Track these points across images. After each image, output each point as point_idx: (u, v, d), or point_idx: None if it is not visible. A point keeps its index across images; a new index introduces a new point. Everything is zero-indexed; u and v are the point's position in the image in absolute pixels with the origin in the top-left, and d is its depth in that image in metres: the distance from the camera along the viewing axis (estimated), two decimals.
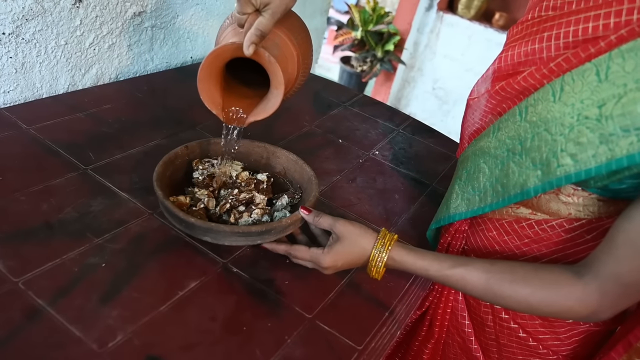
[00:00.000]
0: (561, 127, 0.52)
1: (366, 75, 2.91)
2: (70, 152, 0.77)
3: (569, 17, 0.54)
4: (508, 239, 0.65)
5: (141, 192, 0.74)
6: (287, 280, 0.66)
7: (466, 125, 0.73)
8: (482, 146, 0.66)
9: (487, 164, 0.63)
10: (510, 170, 0.58)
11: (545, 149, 0.53)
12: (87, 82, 0.98)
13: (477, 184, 0.65)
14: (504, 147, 0.60)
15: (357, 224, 0.64)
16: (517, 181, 0.57)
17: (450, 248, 0.74)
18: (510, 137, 0.60)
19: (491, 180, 0.62)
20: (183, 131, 0.91)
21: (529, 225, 0.62)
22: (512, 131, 0.59)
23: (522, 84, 0.58)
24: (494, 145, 0.62)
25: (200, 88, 0.66)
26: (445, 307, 0.76)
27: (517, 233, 0.64)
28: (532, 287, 0.55)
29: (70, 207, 0.67)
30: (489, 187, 0.62)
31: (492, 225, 0.67)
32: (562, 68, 0.53)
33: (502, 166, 0.60)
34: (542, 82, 0.57)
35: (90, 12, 0.91)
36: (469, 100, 0.71)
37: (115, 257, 0.62)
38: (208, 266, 0.65)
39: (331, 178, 0.90)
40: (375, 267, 0.62)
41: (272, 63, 0.62)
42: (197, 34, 1.19)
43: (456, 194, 0.69)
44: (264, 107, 0.68)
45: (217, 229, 0.61)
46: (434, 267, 0.60)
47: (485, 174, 0.63)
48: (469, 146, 0.72)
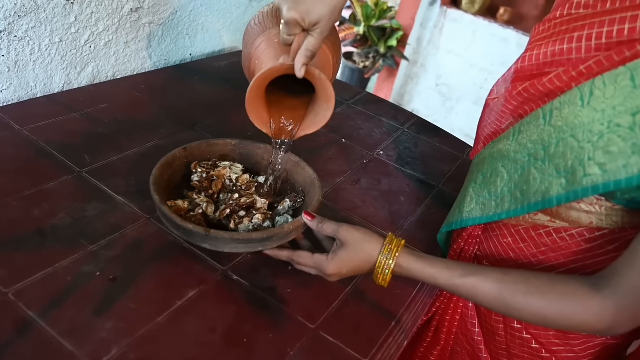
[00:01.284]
0: (589, 134, 0.49)
1: (369, 72, 2.88)
2: (65, 154, 0.75)
3: (603, 17, 0.50)
4: (524, 246, 0.62)
5: (138, 196, 0.71)
6: (289, 288, 0.63)
7: (483, 126, 0.70)
8: (500, 149, 0.63)
9: (505, 168, 0.61)
10: (532, 177, 0.55)
11: (571, 156, 0.51)
12: (83, 81, 0.95)
13: (494, 188, 0.62)
14: (525, 151, 0.57)
15: (362, 229, 0.61)
16: (538, 188, 0.54)
17: (462, 253, 0.71)
18: (533, 142, 0.57)
19: (510, 185, 0.59)
20: (182, 131, 0.89)
21: (547, 233, 0.59)
22: (535, 135, 0.57)
23: (548, 86, 0.55)
24: (514, 149, 0.60)
25: (249, 110, 0.64)
26: (454, 314, 0.73)
27: (533, 241, 0.61)
28: (547, 300, 0.52)
29: (64, 212, 0.65)
30: (507, 193, 0.59)
31: (508, 231, 0.64)
32: (593, 71, 0.50)
33: (523, 171, 0.57)
34: (570, 85, 0.54)
35: (85, 9, 0.88)
36: (488, 100, 0.68)
37: (110, 265, 0.59)
38: (207, 274, 0.62)
39: (334, 180, 0.87)
40: (381, 274, 0.60)
41: (323, 80, 0.61)
42: (196, 30, 1.16)
43: (470, 197, 0.66)
44: (313, 120, 0.67)
45: (216, 236, 0.58)
46: (444, 275, 0.58)
47: (503, 178, 0.61)
48: (486, 148, 0.69)
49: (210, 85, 1.07)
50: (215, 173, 0.69)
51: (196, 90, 1.04)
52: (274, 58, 0.66)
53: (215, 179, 0.69)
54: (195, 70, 1.13)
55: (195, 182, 0.69)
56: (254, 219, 0.65)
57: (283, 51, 0.64)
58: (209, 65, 1.17)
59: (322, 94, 0.63)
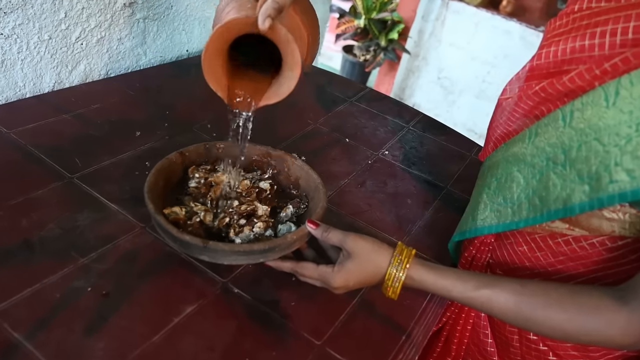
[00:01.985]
0: (616, 137, 0.45)
1: (369, 65, 2.83)
2: (55, 158, 0.71)
3: (628, 11, 0.46)
4: (540, 255, 0.59)
5: (132, 203, 0.67)
6: (293, 301, 0.60)
7: (494, 126, 0.66)
8: (515, 152, 0.59)
9: (521, 172, 0.57)
10: (551, 183, 0.52)
11: (595, 160, 0.47)
12: (75, 80, 0.91)
13: (510, 194, 0.58)
14: (543, 155, 0.54)
15: (370, 239, 0.58)
16: (558, 195, 0.50)
17: (474, 262, 0.68)
18: (551, 145, 0.53)
19: (527, 191, 0.55)
20: (179, 133, 0.85)
21: (566, 241, 0.56)
22: (554, 138, 0.53)
23: (568, 85, 0.52)
24: (531, 153, 0.56)
25: (205, 66, 0.58)
26: (465, 324, 0.70)
27: (551, 249, 0.57)
28: (568, 313, 0.49)
29: (53, 222, 0.61)
30: (524, 200, 0.55)
31: (523, 239, 0.60)
32: (619, 69, 0.47)
33: (541, 176, 0.53)
34: (593, 84, 0.50)
35: (75, 4, 0.84)
36: (500, 100, 0.64)
37: (102, 279, 0.56)
38: (206, 287, 0.59)
39: (339, 182, 0.83)
40: (391, 286, 0.56)
41: (290, 41, 0.55)
42: (193, 25, 1.12)
43: (484, 204, 0.62)
44: (276, 91, 0.60)
45: (214, 247, 0.54)
46: (457, 287, 0.54)
47: (519, 184, 0.57)
48: (498, 150, 0.65)
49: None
50: (214, 179, 0.65)
51: (193, 88, 1.00)
52: (239, 13, 0.60)
53: (214, 184, 0.65)
54: (192, 67, 1.09)
55: (192, 188, 0.65)
56: (254, 227, 0.61)
57: (252, 11, 0.58)
58: None
59: (288, 59, 0.57)
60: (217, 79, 0.60)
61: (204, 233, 0.61)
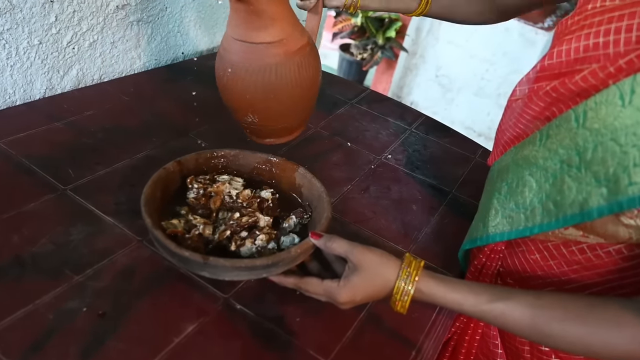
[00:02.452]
0: (633, 137, 0.43)
1: (367, 64, 2.80)
2: (47, 169, 0.68)
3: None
4: (553, 263, 0.56)
5: (129, 215, 0.65)
6: (298, 316, 0.57)
7: (503, 129, 0.63)
8: (526, 156, 0.57)
9: (534, 176, 0.54)
10: (566, 186, 0.49)
11: (613, 162, 0.45)
12: (67, 85, 0.88)
13: (522, 199, 0.56)
14: (556, 157, 0.51)
15: (377, 251, 0.55)
16: (574, 199, 0.48)
17: (484, 270, 0.65)
18: (565, 147, 0.51)
19: (540, 196, 0.53)
20: (175, 139, 0.82)
21: (580, 250, 0.53)
22: (567, 140, 0.50)
23: (581, 84, 0.49)
24: (543, 156, 0.53)
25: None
26: (474, 334, 0.68)
27: (564, 258, 0.55)
28: (587, 327, 0.46)
29: (46, 237, 0.58)
30: (538, 205, 0.53)
31: (535, 247, 0.58)
32: (634, 66, 0.44)
33: (554, 180, 0.51)
34: (607, 83, 0.48)
35: (66, 7, 0.81)
36: (510, 101, 0.62)
37: (98, 298, 0.53)
38: (207, 303, 0.56)
39: (341, 188, 0.81)
40: (400, 300, 0.54)
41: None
42: (188, 27, 1.09)
43: (495, 210, 0.60)
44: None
45: (215, 263, 0.52)
46: (469, 301, 0.52)
47: (532, 188, 0.54)
48: (507, 154, 0.63)
49: (204, 86, 1.00)
50: (213, 189, 0.63)
51: (189, 92, 0.97)
52: None
53: (213, 195, 0.63)
54: (187, 70, 1.06)
55: (191, 199, 0.63)
56: (257, 240, 0.59)
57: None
58: (203, 65, 1.10)
59: None
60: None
61: (203, 247, 0.58)
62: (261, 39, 0.66)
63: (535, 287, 0.60)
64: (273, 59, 0.67)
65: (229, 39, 0.70)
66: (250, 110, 0.70)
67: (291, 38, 0.68)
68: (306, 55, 0.69)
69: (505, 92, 2.70)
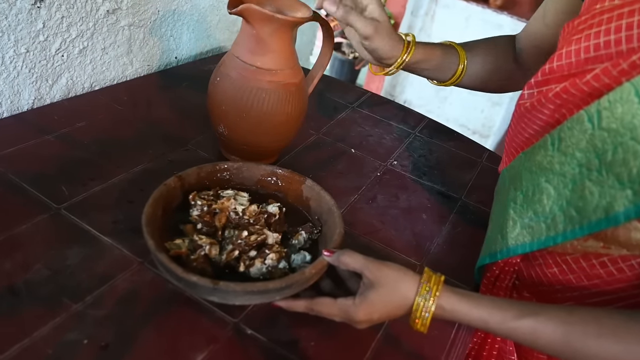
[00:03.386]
0: None
1: (359, 63, 2.77)
2: (38, 187, 0.64)
3: None
4: (572, 277, 0.54)
5: (127, 234, 0.61)
6: (312, 340, 0.54)
7: (513, 134, 0.61)
8: (539, 161, 0.54)
9: (551, 183, 0.52)
10: (587, 191, 0.47)
11: (635, 162, 0.43)
12: (56, 95, 0.84)
13: (541, 208, 0.53)
14: (574, 162, 0.49)
15: (394, 265, 0.52)
16: (598, 204, 0.46)
17: (497, 282, 0.63)
18: (582, 150, 0.48)
19: (560, 203, 0.50)
20: (173, 150, 0.78)
21: (601, 263, 0.51)
22: (583, 142, 0.48)
23: (593, 84, 0.47)
24: (559, 161, 0.51)
25: None
26: (491, 349, 0.65)
27: (584, 272, 0.52)
28: (624, 344, 0.44)
29: (40, 262, 0.54)
30: (558, 212, 0.50)
31: (553, 260, 0.55)
32: None
33: (574, 185, 0.49)
34: (620, 81, 0.46)
35: (54, 13, 0.77)
36: (518, 105, 0.59)
37: (100, 328, 0.49)
38: (216, 329, 0.53)
39: (348, 198, 0.78)
40: (420, 318, 0.51)
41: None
42: (181, 31, 1.05)
43: (512, 220, 0.57)
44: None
45: (226, 288, 0.49)
46: (495, 317, 0.49)
47: (550, 195, 0.52)
48: (517, 159, 0.60)
49: (200, 92, 0.95)
50: (218, 205, 0.59)
51: (185, 99, 0.93)
52: None
53: (218, 212, 0.59)
54: (182, 75, 1.02)
55: (195, 217, 0.59)
56: (267, 259, 0.56)
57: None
58: (197, 69, 1.06)
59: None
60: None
61: (210, 268, 0.55)
62: (253, 62, 0.68)
63: (554, 301, 0.57)
64: (256, 83, 0.68)
65: (229, 54, 0.71)
66: (222, 121, 0.72)
67: (282, 73, 0.69)
68: (290, 93, 0.70)
69: None
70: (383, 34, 0.68)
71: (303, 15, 0.69)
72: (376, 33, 0.67)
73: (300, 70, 0.73)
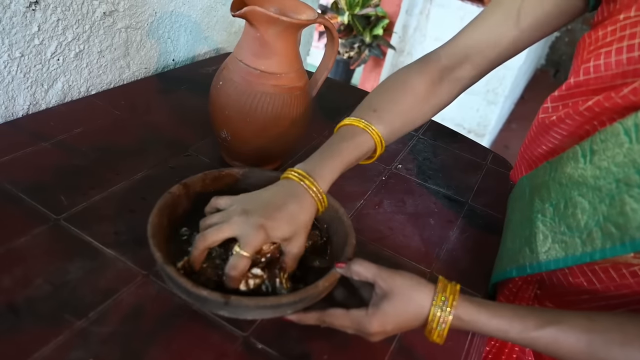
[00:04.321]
0: None
1: (354, 62, 2.76)
2: (36, 197, 0.62)
3: None
4: (600, 287, 0.53)
5: (130, 245, 0.59)
6: (325, 353, 0.53)
7: (532, 145, 0.60)
8: (569, 174, 0.53)
9: (585, 197, 0.50)
10: (628, 208, 0.45)
11: None
12: (52, 100, 0.82)
13: (575, 222, 0.51)
14: (611, 176, 0.48)
15: (407, 274, 0.51)
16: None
17: (519, 293, 0.61)
18: (619, 165, 0.47)
19: (596, 218, 0.49)
20: (174, 156, 0.76)
21: (632, 273, 0.50)
22: (620, 156, 0.47)
23: (631, 98, 0.46)
24: (593, 174, 0.50)
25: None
26: (509, 358, 0.64)
27: (613, 282, 0.51)
28: None
29: (41, 277, 0.52)
30: (595, 227, 0.49)
31: (580, 270, 0.54)
32: None
33: (612, 201, 0.47)
34: None
35: (50, 16, 0.74)
36: (542, 119, 0.58)
37: (105, 345, 0.47)
38: (225, 344, 0.51)
39: (354, 203, 0.76)
40: (437, 329, 0.49)
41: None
42: (179, 32, 1.03)
43: (543, 234, 0.55)
44: None
45: (238, 303, 0.47)
46: (515, 327, 0.47)
47: (584, 209, 0.50)
48: (540, 169, 0.59)
49: (199, 95, 0.94)
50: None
51: (184, 102, 0.91)
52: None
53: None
54: (180, 78, 1.00)
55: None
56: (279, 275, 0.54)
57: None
58: (195, 72, 1.04)
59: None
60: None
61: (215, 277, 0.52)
62: (257, 65, 0.66)
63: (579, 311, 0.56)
64: (260, 87, 0.66)
65: (232, 57, 0.69)
66: (225, 126, 0.70)
67: (286, 76, 0.68)
68: (295, 97, 0.69)
69: (494, 87, 2.68)
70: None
71: (308, 17, 0.68)
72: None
73: (304, 74, 0.72)
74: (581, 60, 0.52)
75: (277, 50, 0.66)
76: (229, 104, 0.68)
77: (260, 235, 0.49)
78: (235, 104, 0.67)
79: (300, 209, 0.53)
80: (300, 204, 0.53)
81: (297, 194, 0.54)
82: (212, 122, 0.73)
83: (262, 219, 0.50)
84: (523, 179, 0.63)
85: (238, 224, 0.50)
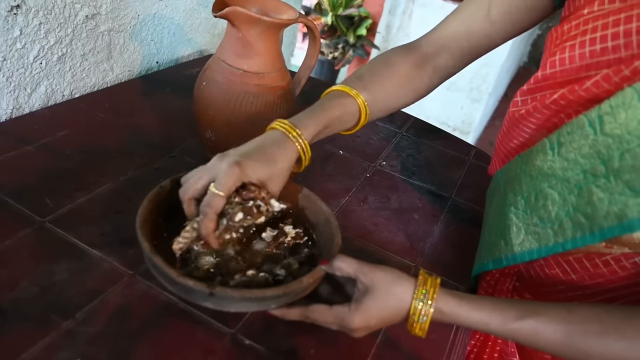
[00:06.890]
0: None
1: (339, 63, 2.77)
2: (21, 200, 0.62)
3: None
4: (575, 277, 0.54)
5: (117, 246, 0.59)
6: (312, 348, 0.53)
7: (505, 139, 0.61)
8: (539, 166, 0.54)
9: (554, 188, 0.52)
10: (595, 197, 0.47)
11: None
12: (36, 104, 0.81)
13: (546, 213, 0.53)
14: (578, 168, 0.49)
15: (388, 269, 0.51)
16: (609, 211, 0.46)
17: (498, 285, 0.63)
18: (585, 156, 0.48)
19: (566, 209, 0.50)
20: (159, 157, 0.76)
21: (604, 262, 0.51)
22: (586, 148, 0.48)
23: (593, 91, 0.47)
24: (562, 166, 0.51)
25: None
26: (492, 352, 0.65)
27: (587, 271, 0.53)
28: (627, 340, 0.44)
29: (27, 279, 0.52)
30: (565, 218, 0.50)
31: (555, 261, 0.56)
32: None
33: (580, 191, 0.49)
34: (621, 86, 0.46)
35: (32, 19, 0.74)
36: (512, 112, 0.59)
37: (92, 345, 0.48)
38: (213, 341, 0.51)
39: (339, 200, 0.77)
40: (418, 322, 0.50)
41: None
42: (162, 34, 1.03)
43: (516, 226, 0.57)
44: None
45: (223, 294, 0.47)
46: (495, 319, 0.48)
47: (555, 201, 0.52)
48: (512, 163, 0.60)
49: (183, 97, 0.94)
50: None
51: (169, 104, 0.92)
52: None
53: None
54: (164, 80, 1.00)
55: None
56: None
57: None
58: (179, 74, 1.04)
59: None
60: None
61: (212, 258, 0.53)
62: (239, 65, 0.67)
63: (555, 301, 0.57)
64: (243, 87, 0.67)
65: (215, 58, 0.70)
66: (210, 126, 0.71)
67: (269, 76, 0.69)
68: (278, 96, 0.70)
69: (477, 85, 2.72)
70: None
71: (289, 17, 0.69)
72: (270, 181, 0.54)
73: (287, 73, 0.72)
74: (548, 53, 0.54)
75: (259, 50, 0.66)
76: (213, 104, 0.68)
77: (234, 173, 0.49)
78: (219, 104, 0.68)
79: (279, 153, 0.53)
80: (281, 148, 0.54)
81: (279, 140, 0.54)
82: (196, 123, 0.73)
83: (238, 157, 0.50)
84: (498, 173, 0.64)
85: (213, 166, 0.50)
